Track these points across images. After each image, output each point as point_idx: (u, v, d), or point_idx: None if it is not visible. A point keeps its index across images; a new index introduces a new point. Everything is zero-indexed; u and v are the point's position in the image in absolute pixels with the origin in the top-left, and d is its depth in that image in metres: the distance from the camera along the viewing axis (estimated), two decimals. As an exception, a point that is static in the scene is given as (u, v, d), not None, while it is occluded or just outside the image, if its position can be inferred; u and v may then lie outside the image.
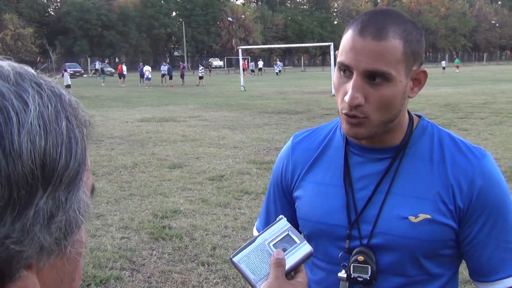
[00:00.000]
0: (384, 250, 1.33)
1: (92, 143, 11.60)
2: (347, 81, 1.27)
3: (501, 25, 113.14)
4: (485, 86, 31.06)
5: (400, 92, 1.27)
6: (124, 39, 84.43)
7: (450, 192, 1.31)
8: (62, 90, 0.58)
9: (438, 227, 1.30)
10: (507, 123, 14.27)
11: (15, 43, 70.78)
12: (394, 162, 1.36)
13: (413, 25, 1.28)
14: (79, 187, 0.56)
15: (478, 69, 67.81)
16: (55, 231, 0.54)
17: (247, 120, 16.29)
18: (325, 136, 1.51)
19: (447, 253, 1.35)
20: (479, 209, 1.30)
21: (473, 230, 1.31)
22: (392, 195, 1.34)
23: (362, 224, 1.35)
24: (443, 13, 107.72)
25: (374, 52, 1.21)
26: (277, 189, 1.57)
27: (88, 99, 26.02)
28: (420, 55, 1.30)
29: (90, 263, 4.96)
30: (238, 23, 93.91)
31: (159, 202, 7.06)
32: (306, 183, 1.47)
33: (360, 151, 1.40)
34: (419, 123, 1.41)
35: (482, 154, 1.35)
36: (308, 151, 1.51)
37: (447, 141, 1.38)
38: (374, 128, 1.29)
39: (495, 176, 1.33)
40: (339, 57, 1.28)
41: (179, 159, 9.96)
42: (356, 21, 1.27)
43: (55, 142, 0.53)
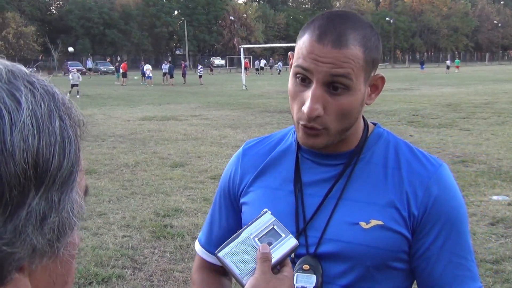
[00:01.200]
0: (332, 258, 1.27)
1: (94, 142, 11.64)
2: (304, 90, 1.21)
3: (503, 25, 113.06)
4: (487, 86, 31.03)
5: (359, 101, 1.22)
6: (126, 37, 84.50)
7: (405, 199, 1.26)
8: (55, 89, 0.57)
9: (390, 234, 1.24)
10: (509, 123, 14.25)
11: (17, 41, 70.89)
12: (347, 168, 1.31)
13: (372, 30, 1.23)
14: (73, 188, 0.55)
15: (480, 69, 67.76)
16: (48, 232, 0.53)
17: (249, 119, 16.29)
18: (277, 141, 1.45)
19: (398, 266, 1.28)
20: (433, 218, 1.25)
21: (426, 241, 1.26)
22: (343, 201, 1.28)
23: (310, 231, 1.29)
24: (445, 12, 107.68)
25: (335, 59, 1.15)
26: (223, 197, 1.51)
27: (89, 97, 26.06)
28: (378, 61, 1.25)
29: (92, 261, 4.97)
30: (239, 22, 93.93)
31: (161, 200, 7.06)
32: (254, 188, 1.41)
33: (312, 157, 1.35)
34: (374, 130, 1.37)
35: (439, 163, 1.31)
36: (258, 157, 1.45)
37: (403, 148, 1.34)
38: (331, 138, 1.24)
39: (450, 185, 1.30)
40: (295, 62, 1.21)
41: (181, 158, 9.96)
42: (313, 25, 1.20)
43: (48, 141, 0.52)
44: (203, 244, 1.54)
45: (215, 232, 1.51)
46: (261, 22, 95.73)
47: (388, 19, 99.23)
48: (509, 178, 8.02)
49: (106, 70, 66.05)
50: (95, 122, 15.63)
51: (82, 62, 72.38)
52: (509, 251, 5.14)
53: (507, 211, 6.39)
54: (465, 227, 1.29)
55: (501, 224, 5.94)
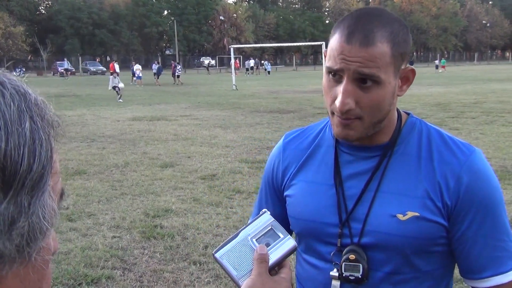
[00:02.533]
0: (375, 248, 1.33)
1: (83, 142, 11.59)
2: (336, 85, 1.27)
3: (492, 25, 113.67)
4: (476, 85, 31.19)
5: (390, 93, 1.27)
6: (115, 37, 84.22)
7: (438, 190, 1.30)
8: (27, 89, 0.55)
9: (426, 224, 1.29)
10: (497, 122, 14.34)
11: (6, 42, 70.40)
12: (383, 160, 1.36)
13: (399, 24, 1.28)
14: (44, 191, 0.53)
15: (469, 68, 68.07)
16: (17, 238, 0.51)
17: (239, 119, 16.27)
18: (315, 135, 1.51)
19: (438, 250, 1.34)
20: (466, 206, 1.30)
21: (461, 227, 1.31)
22: (380, 193, 1.34)
23: (352, 222, 1.36)
24: (434, 12, 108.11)
25: (363, 58, 1.21)
26: (268, 188, 1.57)
27: (79, 97, 25.95)
28: (407, 54, 1.30)
29: (82, 262, 4.95)
30: (229, 22, 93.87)
31: (151, 201, 7.04)
32: (296, 182, 1.47)
33: (350, 150, 1.41)
34: (408, 120, 1.41)
35: (471, 151, 1.34)
36: (299, 151, 1.51)
37: (435, 138, 1.38)
38: (365, 130, 1.30)
39: (483, 172, 1.33)
40: (327, 62, 1.28)
41: (171, 158, 9.94)
42: (342, 25, 1.26)
43: (17, 143, 0.50)
44: None
45: None
46: (251, 22, 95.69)
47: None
48: (497, 177, 8.03)
49: (96, 70, 65.77)
50: (85, 123, 15.56)
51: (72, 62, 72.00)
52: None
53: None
54: (500, 209, 1.33)
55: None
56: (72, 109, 19.47)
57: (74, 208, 6.60)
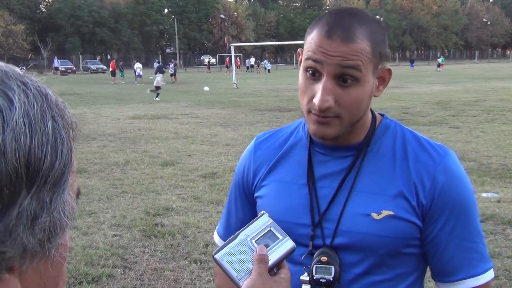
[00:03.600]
0: (348, 249, 1.31)
1: (84, 141, 11.58)
2: (314, 83, 1.25)
3: (493, 23, 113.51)
4: (476, 84, 31.18)
5: (368, 93, 1.27)
6: (115, 36, 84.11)
7: (413, 189, 1.29)
8: (48, 90, 0.57)
9: (401, 224, 1.28)
10: (498, 120, 14.34)
11: (6, 40, 70.34)
12: (357, 159, 1.35)
13: (378, 25, 1.28)
14: (64, 189, 0.55)
15: (470, 67, 68.03)
16: (39, 233, 0.53)
17: (240, 117, 16.28)
18: (288, 135, 1.49)
19: (411, 252, 1.33)
20: (441, 206, 1.29)
21: (435, 228, 1.30)
22: (355, 193, 1.32)
23: (325, 223, 1.33)
24: (435, 11, 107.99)
25: (343, 53, 1.20)
26: (238, 190, 1.54)
27: (79, 96, 25.95)
28: (385, 54, 1.29)
29: (82, 260, 4.95)
30: (230, 20, 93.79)
31: (151, 199, 7.05)
32: (268, 182, 1.44)
33: (323, 150, 1.39)
34: (382, 121, 1.41)
35: (445, 152, 1.34)
36: (270, 151, 1.48)
37: (410, 139, 1.37)
38: (342, 129, 1.28)
39: (458, 173, 1.33)
40: (306, 59, 1.26)
41: (171, 157, 9.95)
42: (321, 22, 1.25)
43: (41, 141, 0.52)
44: (221, 235, 1.58)
45: (232, 223, 1.55)
46: (252, 20, 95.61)
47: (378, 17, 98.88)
48: (498, 175, 8.07)
49: (96, 68, 65.74)
50: (85, 121, 15.56)
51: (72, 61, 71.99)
52: (499, 248, 5.18)
53: (496, 208, 6.43)
54: (473, 211, 1.33)
55: (491, 221, 5.98)
56: (72, 108, 18.97)
57: (74, 206, 6.60)
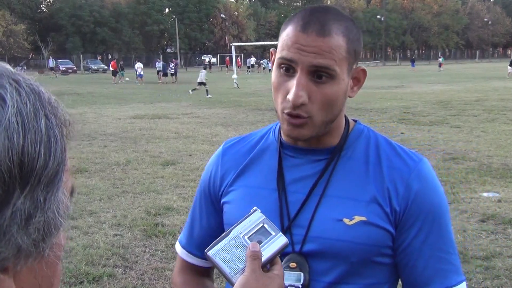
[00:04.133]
0: (318, 255, 1.27)
1: (85, 140, 11.59)
2: (288, 80, 1.21)
3: (494, 23, 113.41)
4: (477, 83, 31.16)
5: (342, 91, 1.24)
6: (116, 35, 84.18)
7: (386, 195, 1.26)
8: (40, 88, 0.56)
9: (374, 230, 1.25)
10: (499, 120, 14.33)
11: (7, 40, 70.43)
12: (330, 163, 1.31)
13: (353, 24, 1.26)
14: (59, 188, 0.54)
15: (471, 66, 68.01)
16: (33, 233, 0.52)
17: (240, 117, 16.28)
18: (258, 140, 1.44)
19: (383, 261, 1.29)
20: (415, 213, 1.26)
21: (408, 236, 1.27)
22: (327, 198, 1.28)
23: (295, 229, 1.29)
24: (436, 10, 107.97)
25: (319, 47, 1.17)
26: (204, 197, 1.47)
27: (80, 95, 25.95)
28: (359, 54, 1.27)
29: (83, 260, 4.95)
30: (231, 20, 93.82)
31: (152, 199, 7.05)
32: (236, 187, 1.39)
33: (295, 153, 1.35)
34: (355, 126, 1.38)
35: (419, 158, 1.32)
36: (239, 156, 1.43)
37: (383, 144, 1.34)
38: (316, 129, 1.24)
39: (431, 180, 1.30)
40: (279, 53, 1.23)
41: (172, 156, 9.95)
42: (296, 18, 1.23)
43: (34, 140, 0.51)
44: (184, 245, 1.51)
45: (196, 232, 1.48)
46: (253, 20, 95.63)
47: (379, 17, 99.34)
48: (499, 175, 8.06)
49: (97, 68, 65.74)
50: (86, 121, 15.56)
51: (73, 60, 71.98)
52: (499, 248, 5.17)
53: (497, 207, 6.42)
54: (446, 221, 1.30)
55: (492, 220, 5.97)
56: (73, 107, 19.46)
57: (75, 206, 6.60)
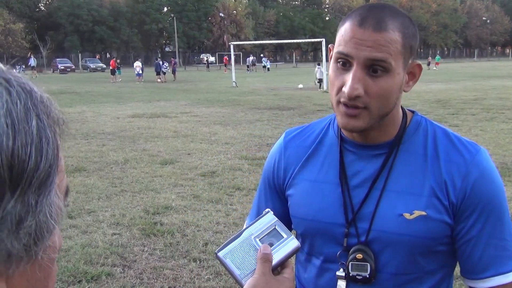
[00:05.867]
0: (382, 247, 1.33)
1: (83, 139, 11.58)
2: (345, 73, 1.25)
3: (492, 22, 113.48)
4: (476, 82, 31.17)
5: (397, 85, 1.27)
6: (115, 34, 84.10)
7: (444, 188, 1.29)
8: (33, 87, 0.55)
9: (433, 224, 1.29)
10: (497, 119, 14.33)
11: (5, 38, 70.32)
12: (389, 158, 1.35)
13: (409, 20, 1.29)
14: (51, 190, 0.53)
15: (469, 65, 67.99)
16: (24, 237, 0.51)
17: (239, 116, 16.27)
18: (318, 133, 1.48)
19: (443, 249, 1.34)
20: (472, 204, 1.29)
21: (466, 225, 1.30)
22: (387, 192, 1.33)
23: (359, 222, 1.34)
24: (434, 9, 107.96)
25: (375, 42, 1.20)
26: (268, 187, 1.54)
27: (79, 94, 25.93)
28: (415, 49, 1.30)
29: (81, 259, 4.95)
30: (229, 19, 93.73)
31: (151, 198, 7.04)
32: (299, 181, 1.44)
33: (354, 148, 1.38)
34: (413, 118, 1.40)
35: (476, 150, 1.34)
36: (301, 149, 1.48)
37: (441, 136, 1.36)
38: (371, 121, 1.27)
39: (489, 171, 1.32)
40: (337, 48, 1.26)
41: (171, 155, 9.94)
42: (354, 14, 1.26)
43: (24, 142, 0.49)
44: None
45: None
46: (251, 19, 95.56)
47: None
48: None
49: (96, 67, 65.67)
50: (85, 120, 15.55)
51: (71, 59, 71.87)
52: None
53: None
54: (504, 209, 1.32)
55: (490, 219, 5.97)
56: (72, 106, 19.45)
57: (74, 205, 6.60)
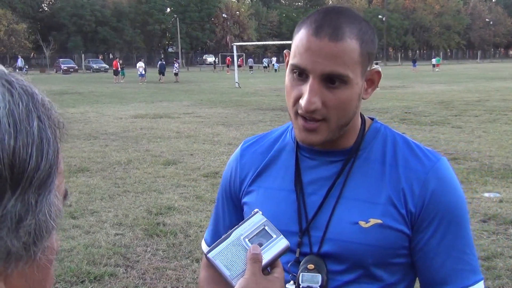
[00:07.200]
0: (335, 257, 1.28)
1: (86, 140, 11.60)
2: (301, 84, 1.20)
3: (495, 23, 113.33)
4: (479, 83, 31.13)
5: (356, 94, 1.22)
6: (118, 35, 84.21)
7: (401, 196, 1.26)
8: (34, 89, 0.56)
9: (389, 233, 1.25)
10: (500, 120, 14.31)
11: (9, 39, 70.43)
12: (346, 165, 1.31)
13: (367, 25, 1.24)
14: (51, 190, 0.54)
15: (472, 66, 67.94)
16: (24, 236, 0.51)
17: (242, 116, 16.27)
18: (275, 139, 1.45)
19: (399, 261, 1.29)
20: (431, 213, 1.25)
21: (424, 236, 1.26)
22: (343, 200, 1.28)
23: (312, 230, 1.30)
24: (437, 10, 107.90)
25: (331, 53, 1.15)
26: (225, 196, 1.50)
27: (82, 95, 25.96)
28: (373, 55, 1.26)
29: (84, 259, 4.95)
30: (232, 20, 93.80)
31: (154, 198, 7.05)
32: (255, 188, 1.41)
33: (312, 155, 1.35)
34: (372, 125, 1.37)
35: (437, 158, 1.30)
36: (257, 155, 1.44)
37: (400, 143, 1.33)
38: (330, 133, 1.24)
39: (449, 180, 1.29)
40: (292, 59, 1.21)
41: (174, 156, 9.95)
42: (309, 20, 1.20)
43: (26, 142, 0.50)
44: (209, 243, 1.53)
45: (220, 230, 1.49)
46: (254, 20, 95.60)
47: (381, 17, 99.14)
48: (500, 175, 8.06)
49: (99, 67, 65.74)
50: (88, 120, 15.57)
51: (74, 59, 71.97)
52: (501, 248, 5.17)
53: (498, 208, 6.42)
54: (464, 220, 1.29)
55: (493, 221, 5.97)
56: (74, 107, 19.47)
57: (77, 205, 6.61)
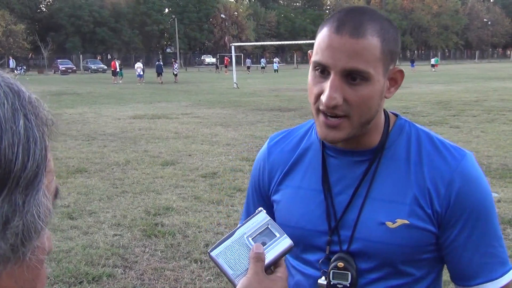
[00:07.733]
0: (363, 256, 1.31)
1: (84, 140, 11.59)
2: (323, 81, 1.22)
3: (493, 23, 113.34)
4: (477, 84, 31.15)
5: (378, 92, 1.23)
6: (116, 35, 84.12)
7: (427, 196, 1.27)
8: (21, 87, 0.54)
9: (416, 232, 1.27)
10: (498, 120, 14.33)
11: (7, 40, 70.31)
12: (372, 165, 1.32)
13: (390, 23, 1.24)
14: (38, 190, 0.52)
15: (470, 66, 67.99)
16: (11, 237, 0.50)
17: (240, 117, 16.27)
18: (301, 137, 1.47)
19: (427, 257, 1.32)
20: (458, 212, 1.26)
21: (452, 234, 1.28)
22: (370, 200, 1.30)
23: (341, 229, 1.32)
24: (435, 10, 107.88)
25: (352, 50, 1.16)
26: (255, 192, 1.54)
27: (80, 95, 25.94)
28: (396, 54, 1.26)
29: (83, 260, 4.95)
30: (231, 20, 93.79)
31: (152, 199, 7.04)
32: (283, 187, 1.44)
33: (337, 154, 1.36)
34: (396, 122, 1.37)
35: (462, 155, 1.30)
36: (284, 154, 1.47)
37: (425, 141, 1.33)
38: (352, 131, 1.24)
39: (475, 177, 1.29)
40: (314, 57, 1.23)
41: (172, 156, 9.94)
42: (332, 18, 1.22)
43: (11, 141, 0.49)
44: None
45: None
46: (252, 20, 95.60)
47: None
48: (498, 175, 8.07)
49: (97, 68, 65.70)
50: (86, 121, 15.56)
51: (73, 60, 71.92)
52: (499, 248, 5.17)
53: (496, 208, 6.39)
54: (491, 215, 1.31)
55: (491, 221, 5.97)
56: (73, 107, 19.46)
57: (75, 206, 6.61)
